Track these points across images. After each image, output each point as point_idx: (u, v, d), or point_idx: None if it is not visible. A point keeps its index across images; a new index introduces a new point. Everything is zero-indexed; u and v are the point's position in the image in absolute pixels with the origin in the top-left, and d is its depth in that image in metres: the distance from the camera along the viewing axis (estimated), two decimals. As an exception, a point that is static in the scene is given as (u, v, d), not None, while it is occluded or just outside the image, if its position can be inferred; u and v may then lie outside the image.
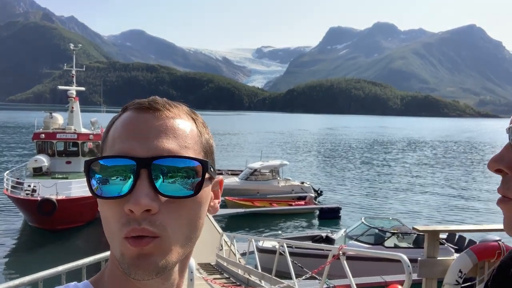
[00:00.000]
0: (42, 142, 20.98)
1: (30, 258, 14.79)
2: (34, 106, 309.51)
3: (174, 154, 0.68)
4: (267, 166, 26.39)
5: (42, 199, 16.23)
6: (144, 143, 0.68)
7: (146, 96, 0.76)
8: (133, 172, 0.66)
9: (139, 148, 0.67)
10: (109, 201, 0.67)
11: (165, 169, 0.67)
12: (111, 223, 0.67)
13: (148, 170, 0.66)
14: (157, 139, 0.68)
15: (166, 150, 0.68)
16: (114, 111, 1.56)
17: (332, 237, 14.46)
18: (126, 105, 0.75)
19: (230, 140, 75.10)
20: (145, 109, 0.72)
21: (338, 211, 22.66)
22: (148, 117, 0.71)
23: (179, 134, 0.71)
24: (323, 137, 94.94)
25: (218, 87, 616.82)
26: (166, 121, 0.71)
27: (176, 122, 0.72)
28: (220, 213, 21.15)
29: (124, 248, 0.65)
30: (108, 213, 0.67)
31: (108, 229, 0.68)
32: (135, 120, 0.71)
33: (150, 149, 0.67)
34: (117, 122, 0.73)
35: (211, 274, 10.98)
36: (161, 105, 0.73)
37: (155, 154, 0.67)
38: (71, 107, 22.68)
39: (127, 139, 0.69)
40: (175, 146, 0.69)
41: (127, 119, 0.72)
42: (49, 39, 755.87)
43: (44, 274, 3.60)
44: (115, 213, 0.66)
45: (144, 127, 0.70)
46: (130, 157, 0.66)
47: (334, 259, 6.32)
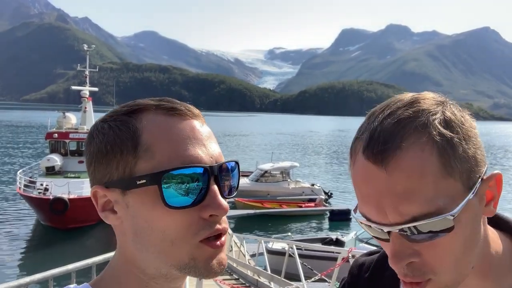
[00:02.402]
0: (55, 141, 21.22)
1: (41, 256, 14.96)
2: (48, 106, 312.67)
3: (224, 159, 0.73)
4: (278, 167, 26.36)
5: (54, 198, 16.42)
6: (205, 150, 0.69)
7: (159, 96, 0.75)
8: (206, 180, 0.68)
9: (204, 155, 0.69)
10: (177, 211, 0.67)
11: (223, 174, 0.71)
12: (173, 232, 0.67)
13: (216, 176, 0.69)
14: (211, 145, 0.71)
15: (221, 156, 0.72)
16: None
17: (342, 239, 14.43)
18: (139, 106, 0.72)
19: (241, 141, 75.20)
20: (185, 115, 0.72)
21: (348, 213, 22.47)
22: (193, 122, 0.72)
23: (215, 138, 0.74)
24: (334, 139, 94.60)
25: (229, 88, 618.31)
26: (206, 127, 0.74)
27: (208, 128, 0.74)
28: (230, 214, 21.09)
29: (199, 252, 0.68)
30: (173, 223, 0.67)
31: (164, 239, 0.68)
32: (185, 126, 0.70)
33: (212, 155, 0.70)
34: (154, 126, 0.70)
35: (220, 274, 10.98)
36: (195, 110, 0.74)
37: (217, 161, 0.70)
38: (84, 107, 22.92)
39: (188, 147, 0.69)
40: (220, 151, 0.73)
41: (173, 124, 0.70)
42: (63, 40, 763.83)
43: (54, 272, 3.63)
44: (184, 221, 0.67)
45: (198, 134, 0.70)
46: (202, 166, 0.68)
47: (343, 262, 6.30)
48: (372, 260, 0.96)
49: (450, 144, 0.65)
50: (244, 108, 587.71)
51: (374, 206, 0.68)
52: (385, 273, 0.90)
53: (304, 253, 11.78)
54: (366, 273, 0.94)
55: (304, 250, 11.82)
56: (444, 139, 0.65)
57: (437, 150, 0.65)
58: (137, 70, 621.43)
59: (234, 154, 50.38)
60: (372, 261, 0.96)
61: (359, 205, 0.71)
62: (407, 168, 0.64)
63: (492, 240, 0.75)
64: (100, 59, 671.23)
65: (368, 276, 0.94)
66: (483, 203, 0.70)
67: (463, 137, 0.66)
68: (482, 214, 0.71)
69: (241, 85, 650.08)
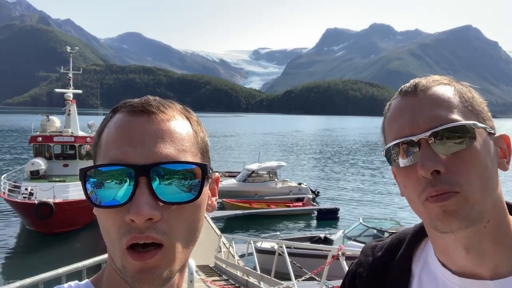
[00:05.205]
0: (39, 145, 20.93)
1: (28, 262, 14.73)
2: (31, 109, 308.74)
3: (172, 159, 0.67)
4: (265, 167, 26.38)
5: (40, 203, 16.16)
6: (141, 149, 0.66)
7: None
8: (132, 180, 0.64)
9: (136, 155, 0.66)
10: (108, 210, 0.65)
11: (164, 176, 0.65)
12: (110, 232, 0.66)
13: (147, 177, 0.64)
14: (154, 144, 0.67)
15: (164, 156, 0.66)
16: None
17: (330, 238, 14.48)
18: (116, 106, 0.74)
19: (228, 142, 75.04)
20: (139, 112, 0.69)
21: (336, 212, 22.69)
22: (142, 120, 0.69)
23: (175, 137, 0.69)
24: (320, 138, 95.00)
25: (215, 89, 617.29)
26: (161, 124, 0.69)
27: (172, 125, 0.70)
28: (218, 215, 21.15)
29: (126, 262, 0.64)
30: (106, 222, 0.66)
31: (107, 238, 0.67)
32: (129, 124, 0.69)
33: (148, 155, 0.66)
34: (110, 125, 0.71)
35: (210, 276, 10.97)
36: (155, 107, 0.70)
37: (153, 161, 0.65)
38: (68, 110, 22.64)
39: (122, 145, 0.67)
40: (173, 151, 0.67)
41: (120, 123, 0.70)
42: (46, 42, 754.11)
43: (45, 276, 3.60)
44: (114, 222, 0.65)
45: (139, 132, 0.68)
46: (128, 164, 0.65)
47: (333, 260, 6.32)
48: (384, 243, 1.00)
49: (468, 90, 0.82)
50: (230, 109, 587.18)
51: (408, 116, 0.78)
52: (398, 253, 0.94)
53: (294, 251, 11.79)
54: (379, 252, 0.98)
55: (293, 249, 11.84)
56: (463, 89, 0.82)
57: (459, 92, 0.81)
58: (121, 72, 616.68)
59: (221, 155, 50.29)
60: (385, 243, 1.00)
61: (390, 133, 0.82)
62: (438, 92, 0.80)
63: (510, 217, 0.81)
64: (84, 61, 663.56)
65: (381, 255, 0.97)
66: (498, 154, 0.80)
67: (473, 95, 0.82)
68: (497, 164, 0.79)
69: (226, 86, 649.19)
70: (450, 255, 0.82)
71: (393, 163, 0.82)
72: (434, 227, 0.76)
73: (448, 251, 0.82)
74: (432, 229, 0.79)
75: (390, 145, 0.81)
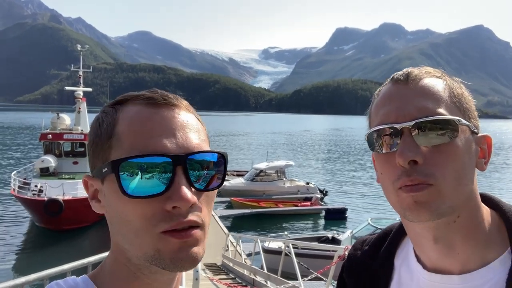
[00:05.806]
0: (49, 142, 21.07)
1: (36, 258, 14.86)
2: (42, 107, 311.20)
3: (200, 149, 0.70)
4: (273, 166, 26.36)
5: (49, 200, 16.30)
6: (174, 140, 0.68)
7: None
8: (170, 170, 0.66)
9: (171, 145, 0.67)
10: (136, 200, 0.66)
11: (197, 165, 0.68)
12: (137, 222, 0.66)
13: (184, 166, 0.67)
14: (184, 135, 0.69)
15: (195, 146, 0.69)
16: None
17: (338, 238, 14.41)
18: (124, 98, 0.74)
19: (236, 141, 75.13)
20: (161, 104, 0.71)
21: (344, 212, 22.59)
22: (167, 112, 0.70)
23: (197, 128, 0.72)
24: (329, 138, 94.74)
25: (224, 88, 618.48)
26: (184, 116, 0.72)
27: (191, 117, 0.73)
28: (226, 214, 21.20)
29: (161, 244, 0.66)
30: (132, 212, 0.66)
31: (127, 229, 0.68)
32: (155, 116, 0.70)
33: (182, 145, 0.68)
34: (126, 117, 0.71)
35: (217, 274, 10.99)
36: (174, 99, 0.73)
37: (187, 151, 0.68)
38: (78, 107, 22.78)
39: (154, 136, 0.68)
40: (199, 141, 0.70)
41: (145, 115, 0.70)
42: (57, 40, 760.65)
43: (50, 272, 3.61)
44: (145, 211, 0.66)
45: (169, 123, 0.69)
46: (165, 155, 0.66)
47: (339, 260, 6.30)
48: (372, 238, 1.03)
49: (458, 87, 0.84)
50: (239, 108, 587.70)
51: (396, 104, 0.80)
52: (382, 248, 0.97)
53: (300, 251, 11.77)
54: (366, 247, 1.02)
55: (300, 248, 11.82)
56: (454, 84, 0.84)
57: (449, 87, 0.82)
58: (131, 70, 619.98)
59: (229, 154, 50.17)
60: (372, 238, 1.03)
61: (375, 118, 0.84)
62: (428, 84, 0.81)
63: (483, 212, 0.84)
64: (94, 60, 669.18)
65: (368, 249, 1.01)
66: (477, 153, 0.82)
67: (462, 92, 0.84)
68: (475, 163, 0.82)
69: (235, 85, 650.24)
70: (421, 245, 0.84)
71: (374, 148, 0.83)
72: (403, 216, 0.79)
73: (419, 241, 0.84)
74: (402, 217, 0.82)
75: (373, 130, 0.82)
